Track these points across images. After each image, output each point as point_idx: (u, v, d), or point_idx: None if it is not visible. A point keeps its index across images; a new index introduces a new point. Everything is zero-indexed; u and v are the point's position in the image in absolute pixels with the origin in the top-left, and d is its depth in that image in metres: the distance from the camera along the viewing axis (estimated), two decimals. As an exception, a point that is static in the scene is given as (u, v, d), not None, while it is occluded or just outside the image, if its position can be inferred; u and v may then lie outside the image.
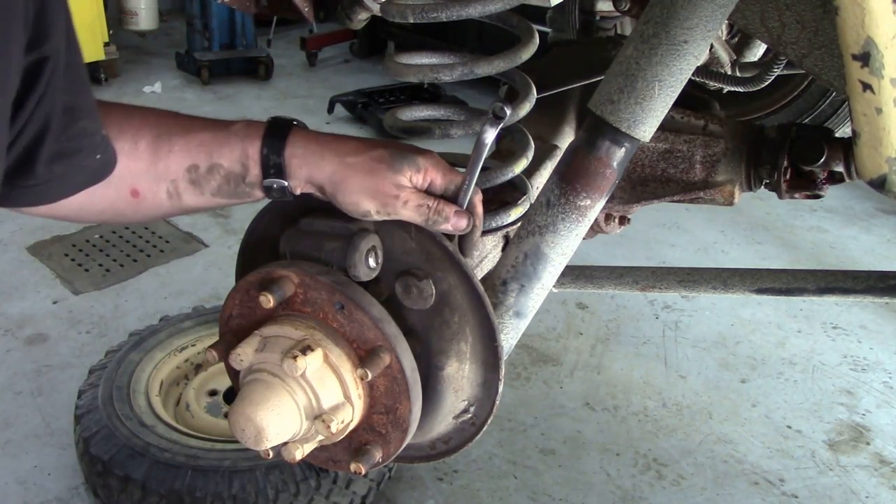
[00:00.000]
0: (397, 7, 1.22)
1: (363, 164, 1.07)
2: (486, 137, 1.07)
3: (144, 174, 1.08)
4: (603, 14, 2.08)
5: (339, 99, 5.70)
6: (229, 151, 1.07)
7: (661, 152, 1.77)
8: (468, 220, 1.10)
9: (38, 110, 0.87)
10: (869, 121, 0.95)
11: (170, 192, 1.09)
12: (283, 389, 1.03)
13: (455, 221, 1.09)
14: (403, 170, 1.07)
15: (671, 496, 2.66)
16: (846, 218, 4.55)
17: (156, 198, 1.10)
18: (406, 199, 1.07)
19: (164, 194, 1.09)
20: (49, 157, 0.93)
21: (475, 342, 1.14)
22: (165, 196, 1.10)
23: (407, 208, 1.07)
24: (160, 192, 1.09)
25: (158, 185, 1.09)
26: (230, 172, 1.08)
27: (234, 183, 1.08)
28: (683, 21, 1.08)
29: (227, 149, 1.07)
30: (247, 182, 1.08)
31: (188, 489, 2.18)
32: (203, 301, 3.34)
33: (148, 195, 1.09)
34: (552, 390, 3.12)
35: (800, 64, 1.15)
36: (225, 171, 1.07)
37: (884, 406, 3.11)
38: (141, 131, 1.07)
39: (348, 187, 1.06)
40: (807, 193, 1.71)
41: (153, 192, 1.09)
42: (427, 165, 1.09)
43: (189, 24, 6.46)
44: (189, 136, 1.08)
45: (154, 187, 1.09)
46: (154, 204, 1.11)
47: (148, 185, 1.08)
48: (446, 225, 1.08)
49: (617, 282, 1.96)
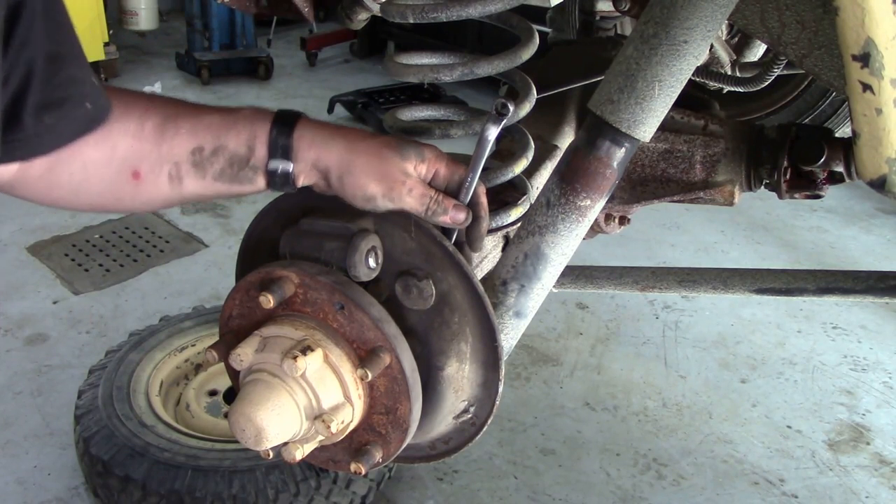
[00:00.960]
0: (397, 7, 1.22)
1: (372, 148, 1.08)
2: (488, 134, 1.07)
3: (148, 156, 1.07)
4: (603, 14, 2.09)
5: (339, 99, 5.70)
6: (236, 133, 1.08)
7: (661, 152, 1.77)
8: (466, 214, 1.11)
9: (19, 58, 0.87)
10: (869, 121, 0.95)
11: (171, 175, 1.08)
12: (283, 389, 1.03)
13: (454, 214, 1.09)
14: (410, 158, 1.08)
15: (671, 496, 2.66)
16: (846, 218, 4.55)
17: (157, 181, 1.09)
18: (411, 186, 1.07)
19: (166, 177, 1.09)
20: (36, 107, 0.92)
21: (475, 342, 1.14)
22: (166, 179, 1.09)
23: (411, 196, 1.07)
24: (162, 175, 1.09)
25: (161, 167, 1.08)
26: (235, 154, 1.08)
27: (237, 166, 1.08)
28: (683, 21, 1.08)
29: (234, 131, 1.08)
30: (251, 165, 1.08)
31: (188, 489, 2.18)
32: (203, 301, 3.34)
33: (149, 178, 1.08)
34: (552, 390, 3.12)
35: (800, 64, 1.15)
36: (230, 153, 1.07)
37: (884, 406, 3.11)
38: (148, 112, 1.07)
39: (356, 168, 1.06)
40: (807, 193, 1.71)
41: (155, 174, 1.08)
42: (431, 157, 1.10)
43: (189, 24, 6.46)
44: (197, 118, 1.09)
45: (156, 169, 1.08)
46: (154, 188, 1.10)
47: (150, 166, 1.08)
48: (445, 217, 1.09)
49: (617, 282, 1.95)
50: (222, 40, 6.49)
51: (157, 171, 1.08)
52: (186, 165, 1.08)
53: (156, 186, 1.09)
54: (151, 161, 1.07)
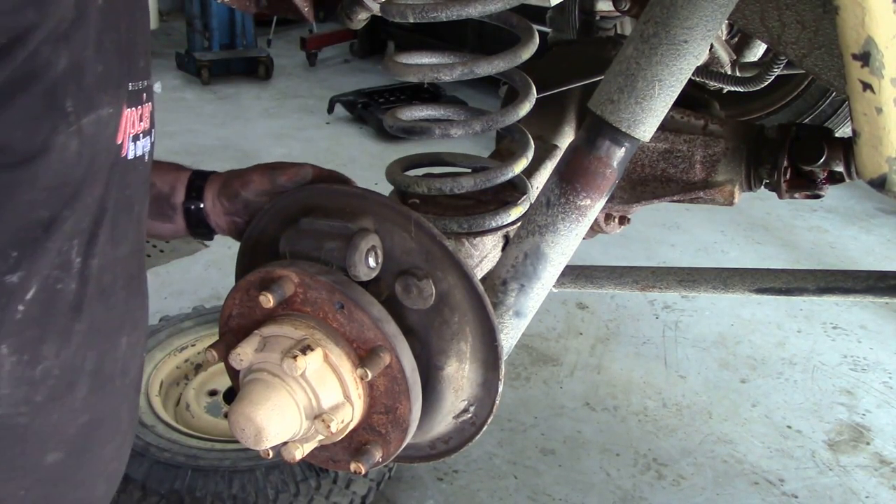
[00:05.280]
0: (397, 7, 1.22)
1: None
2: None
3: None
4: (603, 14, 2.08)
5: (339, 99, 5.70)
6: (163, 174, 1.24)
7: (661, 152, 1.77)
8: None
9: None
10: (869, 120, 0.95)
11: None
12: (282, 389, 1.03)
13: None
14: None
15: (671, 496, 2.66)
16: (846, 218, 4.55)
17: None
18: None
19: None
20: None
21: (475, 342, 1.14)
22: None
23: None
24: None
25: None
26: (160, 192, 1.23)
27: (160, 202, 1.23)
28: (683, 21, 1.08)
29: (161, 172, 1.23)
30: (171, 203, 1.24)
31: (188, 489, 2.18)
32: (203, 301, 3.34)
33: None
34: (552, 390, 3.12)
35: (800, 64, 1.15)
36: (156, 190, 1.22)
37: (884, 406, 3.11)
38: None
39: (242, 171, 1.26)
40: (807, 193, 1.71)
41: None
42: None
43: (189, 24, 6.46)
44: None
45: None
46: None
47: None
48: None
49: (617, 282, 1.95)
50: (222, 40, 6.49)
51: None
52: None
53: None
54: None
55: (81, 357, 0.88)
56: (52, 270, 0.82)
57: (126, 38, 0.85)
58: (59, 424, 0.88)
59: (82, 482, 0.95)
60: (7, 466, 0.85)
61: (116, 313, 0.93)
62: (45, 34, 0.74)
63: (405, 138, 1.41)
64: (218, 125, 5.62)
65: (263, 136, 5.48)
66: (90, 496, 0.98)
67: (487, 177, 1.31)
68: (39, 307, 0.82)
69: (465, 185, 1.31)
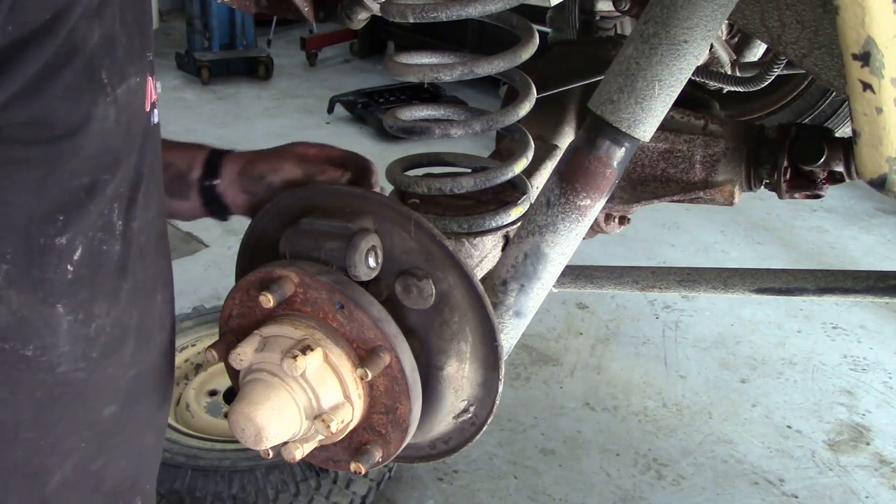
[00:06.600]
0: (397, 7, 1.22)
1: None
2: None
3: None
4: (603, 14, 2.08)
5: (339, 99, 5.70)
6: (181, 153, 1.25)
7: (661, 152, 1.77)
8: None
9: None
10: (869, 120, 0.95)
11: None
12: (282, 389, 1.03)
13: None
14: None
15: (671, 496, 2.66)
16: (846, 218, 4.55)
17: None
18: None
19: None
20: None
21: (475, 342, 1.14)
22: None
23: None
24: None
25: None
26: (178, 170, 1.24)
27: (178, 180, 1.24)
28: (683, 21, 1.08)
29: (179, 151, 1.25)
30: (187, 181, 1.24)
31: (188, 489, 2.18)
32: (203, 301, 3.34)
33: None
34: (552, 390, 3.12)
35: (800, 64, 1.15)
36: (175, 168, 1.23)
37: (884, 406, 3.11)
38: None
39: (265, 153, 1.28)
40: (807, 193, 1.71)
41: None
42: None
43: (189, 24, 6.46)
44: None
45: None
46: None
47: None
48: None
49: (617, 282, 1.96)
50: (222, 40, 6.49)
51: None
52: None
53: None
54: None
55: (129, 314, 0.94)
56: (96, 232, 0.86)
57: (140, 11, 0.89)
58: (113, 379, 0.94)
59: (135, 433, 1.02)
60: (70, 420, 0.92)
61: (151, 272, 0.98)
62: (82, 10, 0.78)
63: (405, 138, 1.41)
64: (218, 125, 5.62)
65: (263, 135, 5.47)
66: (141, 446, 1.04)
67: (487, 177, 1.31)
68: (88, 268, 0.87)
69: (465, 185, 1.31)
